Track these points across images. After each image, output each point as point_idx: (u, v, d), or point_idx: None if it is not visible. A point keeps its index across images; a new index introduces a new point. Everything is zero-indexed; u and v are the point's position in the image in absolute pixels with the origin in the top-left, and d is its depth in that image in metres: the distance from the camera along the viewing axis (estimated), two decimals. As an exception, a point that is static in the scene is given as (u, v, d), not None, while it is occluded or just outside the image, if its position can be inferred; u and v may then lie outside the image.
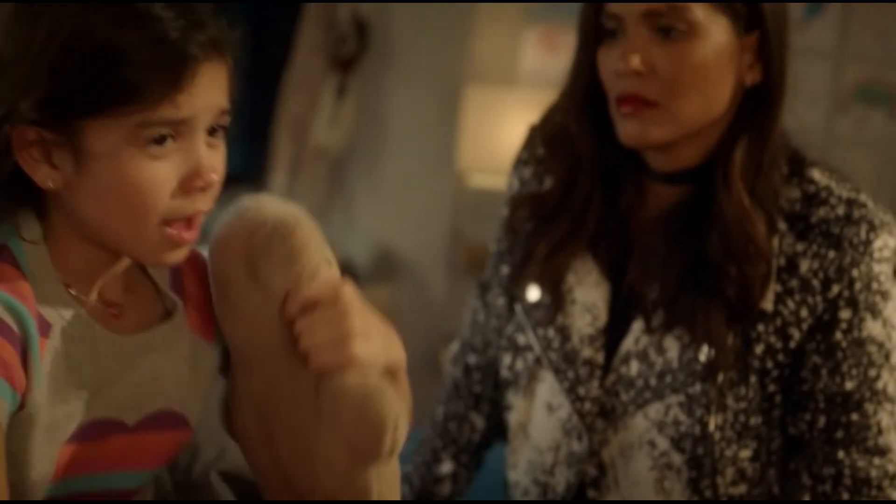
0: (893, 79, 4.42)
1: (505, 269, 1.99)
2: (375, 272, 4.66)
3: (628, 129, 1.75)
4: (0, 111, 1.23)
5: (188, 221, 1.30)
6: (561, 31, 4.49)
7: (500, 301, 2.00)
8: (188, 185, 1.27)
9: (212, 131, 1.30)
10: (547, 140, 1.91)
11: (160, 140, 1.25)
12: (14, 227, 1.30)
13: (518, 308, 1.92)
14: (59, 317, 1.29)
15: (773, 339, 1.74)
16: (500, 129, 4.34)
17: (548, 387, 1.88)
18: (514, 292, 1.94)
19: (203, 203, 1.30)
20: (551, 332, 1.87)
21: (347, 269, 4.64)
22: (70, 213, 1.29)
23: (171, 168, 1.26)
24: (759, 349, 1.74)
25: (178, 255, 1.32)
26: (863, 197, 1.75)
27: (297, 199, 1.33)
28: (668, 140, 1.74)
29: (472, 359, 2.06)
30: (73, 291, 1.32)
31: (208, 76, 1.26)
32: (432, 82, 4.57)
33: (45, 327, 1.27)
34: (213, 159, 1.29)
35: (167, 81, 1.23)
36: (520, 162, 1.99)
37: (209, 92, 1.26)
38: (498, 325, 2.00)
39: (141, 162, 1.24)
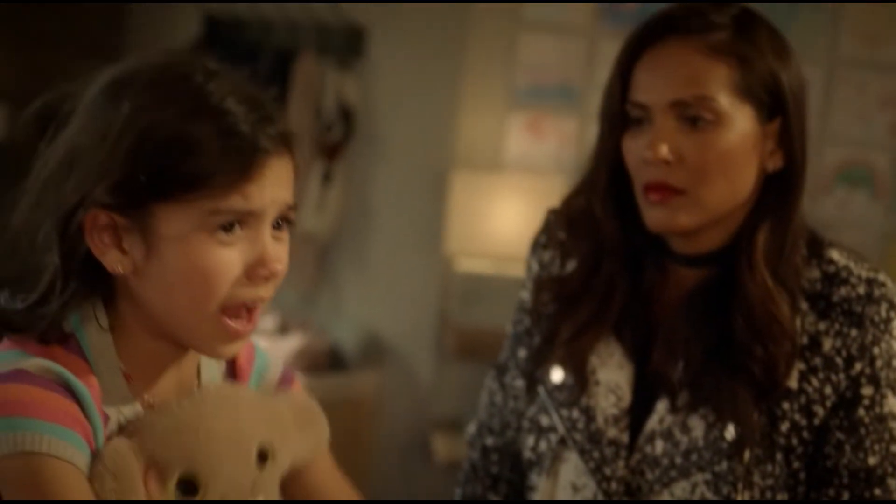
0: (874, 160, 4.50)
1: (523, 352, 2.01)
2: (363, 357, 4.68)
3: (656, 216, 1.79)
4: (76, 196, 1.27)
5: (249, 312, 1.33)
6: (546, 117, 4.56)
7: (518, 383, 2.02)
8: (253, 272, 1.31)
9: (277, 225, 1.33)
10: (570, 223, 1.94)
11: (229, 227, 1.29)
12: (82, 317, 1.33)
13: (541, 390, 1.94)
14: (118, 411, 1.32)
15: (798, 416, 1.77)
16: (487, 214, 4.38)
17: (572, 467, 1.90)
18: (535, 374, 1.97)
19: (265, 291, 1.33)
20: (576, 413, 1.89)
21: (335, 355, 4.66)
22: (136, 299, 1.32)
23: (237, 255, 1.30)
24: (784, 427, 1.77)
25: (235, 348, 1.35)
26: (881, 276, 1.80)
27: (284, 285, 1.37)
28: (694, 226, 1.79)
29: (489, 440, 2.08)
30: (133, 384, 1.34)
31: (276, 170, 1.31)
32: (419, 168, 4.62)
33: (104, 419, 1.30)
34: (279, 250, 1.33)
35: (237, 172, 1.27)
36: (538, 245, 2.02)
37: (276, 185, 1.31)
38: (516, 407, 2.02)
39: (210, 247, 1.28)
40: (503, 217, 4.41)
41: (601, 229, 1.87)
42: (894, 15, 4.45)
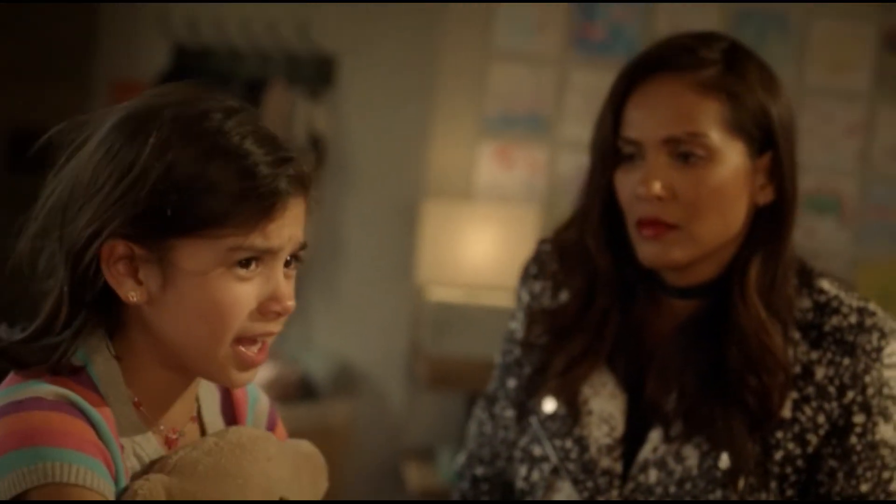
0: (840, 187, 4.55)
1: (512, 382, 2.02)
2: (334, 387, 4.67)
3: (649, 251, 1.81)
4: (93, 225, 1.29)
5: (261, 345, 1.35)
6: (516, 145, 4.58)
7: (508, 413, 2.02)
8: (266, 308, 1.33)
9: (287, 262, 1.35)
10: (561, 255, 1.95)
11: (246, 263, 1.31)
12: (88, 348, 1.33)
13: (533, 420, 1.95)
14: (132, 441, 1.32)
15: (791, 445, 1.79)
16: (458, 243, 4.40)
17: (565, 496, 1.90)
18: (527, 404, 1.97)
19: (275, 326, 1.35)
20: (569, 443, 1.90)
21: (306, 385, 4.65)
22: (148, 329, 1.33)
23: (253, 290, 1.32)
24: (778, 455, 1.79)
25: (249, 377, 1.36)
26: (871, 306, 1.82)
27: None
28: (688, 261, 1.81)
29: (479, 470, 2.08)
30: (143, 410, 1.35)
31: (293, 210, 1.33)
32: (389, 196, 4.63)
33: (120, 449, 1.31)
34: (289, 287, 1.35)
35: (258, 213, 1.30)
36: (529, 275, 2.03)
37: (293, 225, 1.33)
38: (506, 437, 2.03)
39: (228, 282, 1.30)
40: (474, 246, 4.42)
41: (594, 263, 1.89)
42: (860, 44, 4.51)
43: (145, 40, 4.71)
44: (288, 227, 1.32)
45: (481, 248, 4.41)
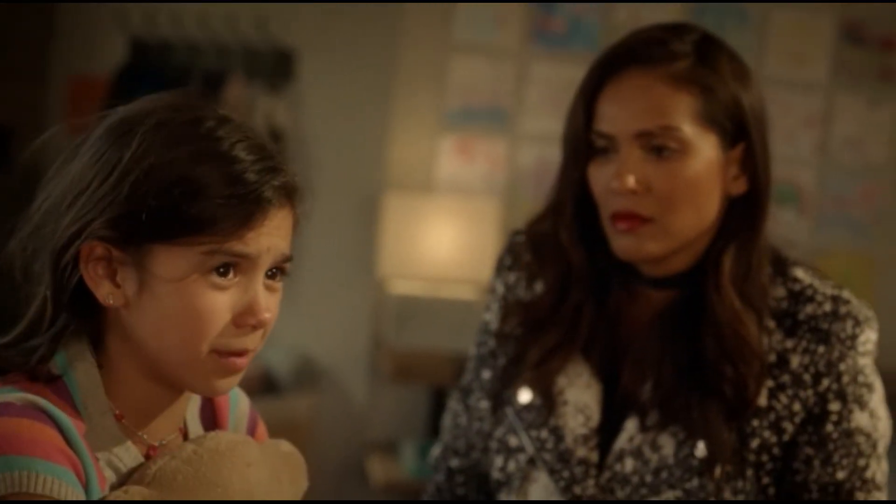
0: (799, 177, 4.58)
1: (487, 373, 2.02)
2: (297, 381, 4.66)
3: (624, 245, 1.81)
4: (75, 226, 1.27)
5: (237, 355, 1.32)
6: (476, 139, 4.59)
7: (483, 404, 2.02)
8: (241, 320, 1.30)
9: (272, 274, 1.33)
10: (535, 247, 1.95)
11: (223, 270, 1.29)
12: (69, 357, 1.31)
13: (509, 411, 1.95)
14: (109, 452, 1.30)
15: (767, 433, 1.80)
16: (419, 236, 4.40)
17: (542, 487, 1.91)
18: (502, 395, 1.98)
19: (251, 342, 1.32)
20: (544, 434, 1.90)
21: (268, 380, 4.64)
22: (127, 336, 1.31)
23: (229, 300, 1.29)
24: (754, 444, 1.80)
25: (230, 383, 1.34)
26: (846, 294, 1.84)
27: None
28: (663, 254, 1.82)
29: (454, 462, 2.08)
30: (125, 422, 1.33)
31: (277, 220, 1.31)
32: (350, 190, 4.62)
33: (93, 459, 1.28)
34: (270, 300, 1.33)
35: (239, 219, 1.27)
36: (503, 266, 2.03)
37: (275, 235, 1.31)
38: (481, 428, 2.03)
39: (203, 289, 1.28)
40: (435, 239, 4.43)
41: (568, 257, 1.89)
42: (817, 36, 4.54)
43: (103, 35, 4.68)
44: (268, 237, 1.30)
45: (442, 242, 4.42)
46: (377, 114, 4.59)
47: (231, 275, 1.29)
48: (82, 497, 1.24)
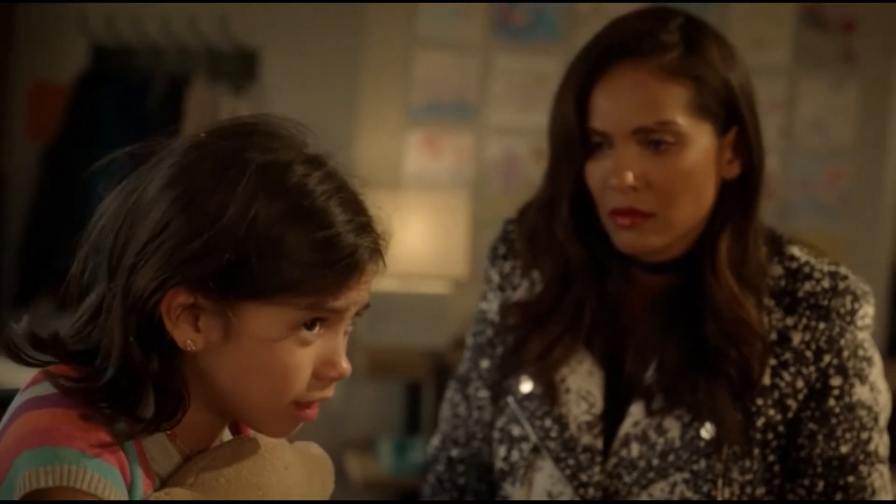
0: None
1: (485, 363, 2.02)
2: (271, 382, 4.64)
3: (627, 239, 1.82)
4: (164, 273, 1.24)
5: (310, 403, 1.31)
6: (443, 133, 4.59)
7: (482, 393, 2.02)
8: (323, 373, 1.29)
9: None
10: (529, 238, 1.95)
11: (311, 325, 1.27)
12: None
13: (510, 400, 1.95)
14: (153, 458, 1.30)
15: (772, 411, 1.82)
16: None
17: (546, 475, 1.91)
18: (502, 385, 1.98)
19: (329, 391, 1.32)
20: (548, 422, 1.91)
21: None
22: (200, 373, 1.29)
23: (313, 353, 1.28)
24: (760, 422, 1.81)
25: (294, 431, 1.34)
26: (843, 269, 1.85)
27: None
28: (665, 245, 1.83)
29: (454, 452, 2.08)
30: (178, 442, 1.32)
31: (368, 276, 1.29)
32: (318, 189, 4.61)
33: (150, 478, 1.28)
34: (343, 345, 1.31)
35: (335, 282, 1.26)
36: (498, 256, 2.03)
37: (364, 290, 1.29)
38: (481, 417, 2.03)
39: (291, 346, 1.26)
40: (405, 235, 4.42)
41: (566, 253, 1.89)
42: (778, 20, 4.58)
43: (63, 40, 4.65)
44: (358, 292, 1.28)
45: (412, 237, 4.42)
46: (342, 112, 4.59)
47: (317, 329, 1.27)
48: (125, 497, 1.23)
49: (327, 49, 4.62)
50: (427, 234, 4.42)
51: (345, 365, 1.30)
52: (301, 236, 1.24)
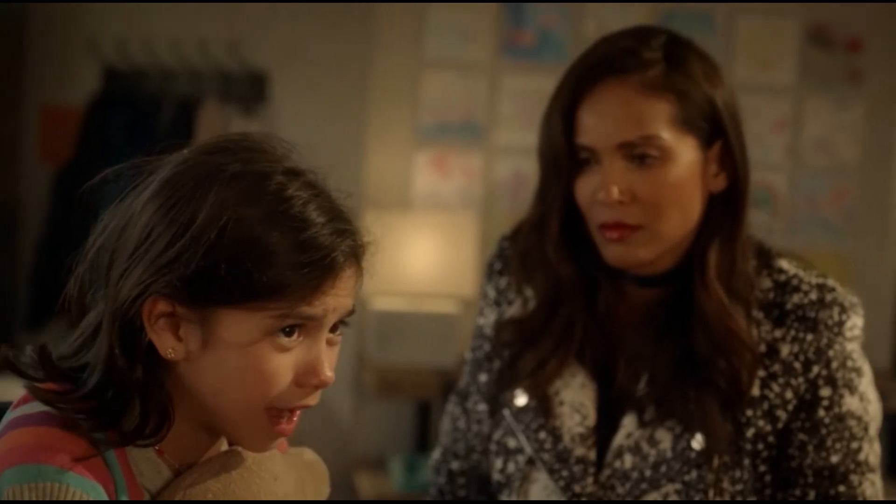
0: (771, 181, 4.63)
1: (484, 377, 2.05)
2: (281, 401, 4.67)
3: (616, 253, 1.85)
4: (143, 282, 1.26)
5: (290, 413, 1.32)
6: (451, 153, 4.62)
7: (481, 407, 2.05)
8: (305, 381, 1.30)
9: (333, 328, 1.33)
10: (522, 256, 1.98)
11: (289, 331, 1.28)
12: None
13: (506, 413, 1.98)
14: (142, 474, 1.31)
15: (761, 422, 1.84)
16: (397, 252, 4.42)
17: (541, 487, 1.94)
18: (499, 398, 2.01)
19: (312, 399, 1.33)
20: (542, 435, 1.93)
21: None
22: (180, 383, 1.31)
23: (292, 360, 1.29)
24: (749, 433, 1.84)
25: (273, 445, 1.35)
26: (830, 282, 1.88)
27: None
28: (653, 258, 1.86)
29: (455, 465, 2.11)
30: (167, 457, 1.34)
31: (346, 281, 1.31)
32: (327, 210, 4.64)
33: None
34: (331, 356, 1.32)
35: (311, 285, 1.27)
36: (494, 272, 2.06)
37: (342, 295, 1.31)
38: (480, 430, 2.06)
39: (268, 351, 1.28)
40: (414, 254, 4.45)
41: (557, 270, 1.92)
42: (784, 40, 4.60)
43: (75, 63, 4.70)
44: (336, 298, 1.29)
45: (421, 257, 4.44)
46: (351, 132, 4.62)
47: (296, 335, 1.28)
48: None
49: (337, 71, 4.67)
50: (436, 254, 4.45)
51: (328, 373, 1.31)
52: (276, 239, 1.26)
